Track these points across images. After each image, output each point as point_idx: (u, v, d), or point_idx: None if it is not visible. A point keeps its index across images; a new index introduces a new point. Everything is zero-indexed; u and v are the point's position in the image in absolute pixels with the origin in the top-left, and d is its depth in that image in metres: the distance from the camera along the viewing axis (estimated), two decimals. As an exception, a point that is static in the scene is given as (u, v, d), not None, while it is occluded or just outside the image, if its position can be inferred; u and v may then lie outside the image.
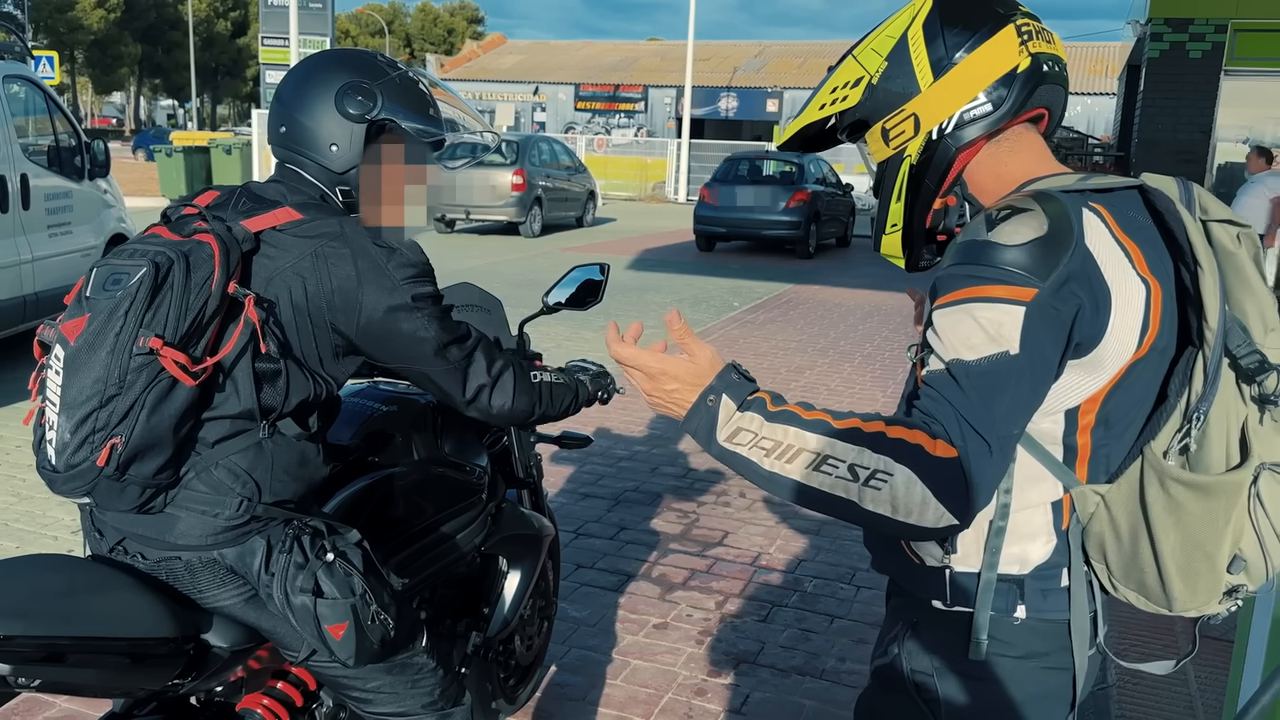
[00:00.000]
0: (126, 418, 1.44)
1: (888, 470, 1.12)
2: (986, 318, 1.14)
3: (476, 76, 42.15)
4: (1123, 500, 1.22)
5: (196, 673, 1.60)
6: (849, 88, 1.33)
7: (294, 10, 16.47)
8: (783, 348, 8.34)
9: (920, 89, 1.28)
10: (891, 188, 1.35)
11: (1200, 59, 11.51)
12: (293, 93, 1.71)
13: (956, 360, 1.15)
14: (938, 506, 1.11)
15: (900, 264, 1.42)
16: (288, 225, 1.60)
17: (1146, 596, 1.26)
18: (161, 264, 1.45)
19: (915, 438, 1.13)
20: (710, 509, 4.62)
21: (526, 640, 2.71)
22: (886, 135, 1.33)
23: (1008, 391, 1.14)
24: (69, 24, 53.68)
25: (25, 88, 7.01)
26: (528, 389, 1.80)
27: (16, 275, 6.50)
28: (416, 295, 1.62)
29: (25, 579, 1.47)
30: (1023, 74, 1.26)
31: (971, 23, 1.27)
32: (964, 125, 1.27)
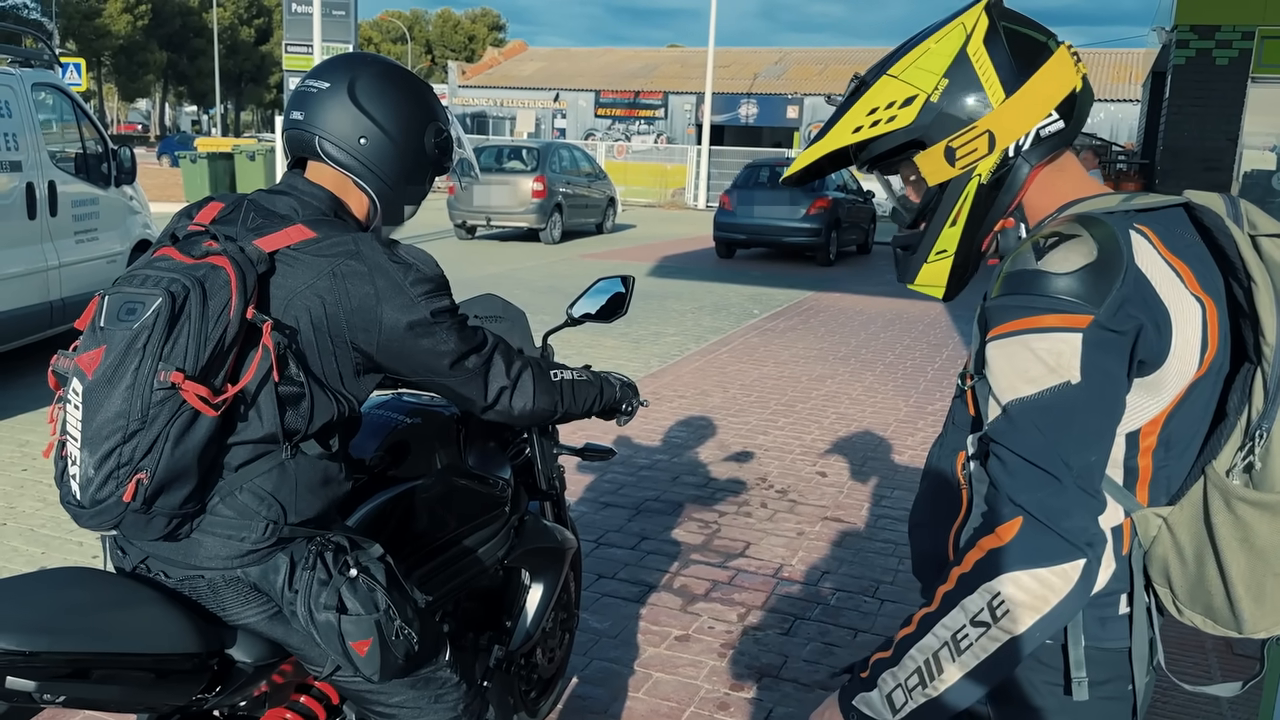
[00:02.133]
0: (151, 451, 1.42)
1: (994, 595, 1.12)
2: (1044, 348, 1.13)
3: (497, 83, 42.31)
4: (1186, 522, 1.20)
5: (221, 688, 1.60)
6: (896, 107, 1.28)
7: (317, 18, 16.57)
8: (803, 356, 8.30)
9: (993, 105, 1.24)
10: (949, 211, 1.30)
11: (1227, 66, 11.39)
12: (382, 108, 1.68)
13: (1015, 400, 1.14)
14: (1054, 572, 1.11)
15: (938, 294, 1.39)
16: (302, 244, 1.57)
17: (1214, 619, 1.24)
18: (177, 294, 1.42)
19: (982, 547, 1.14)
20: (732, 519, 4.59)
21: (548, 652, 2.69)
22: (952, 155, 1.27)
23: (1074, 421, 1.13)
24: (96, 31, 54.32)
25: (53, 95, 7.09)
26: (548, 388, 1.80)
27: (44, 281, 6.56)
28: (435, 310, 1.62)
29: (50, 594, 1.47)
30: (1080, 94, 1.27)
31: (1033, 42, 1.26)
32: (1040, 142, 1.26)
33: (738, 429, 6.04)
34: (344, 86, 1.68)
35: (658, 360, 8.03)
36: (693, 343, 8.80)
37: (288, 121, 1.72)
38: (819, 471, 5.30)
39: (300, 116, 1.69)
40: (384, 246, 1.62)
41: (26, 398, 6.27)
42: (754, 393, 6.98)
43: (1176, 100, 11.71)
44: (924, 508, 1.41)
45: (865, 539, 4.42)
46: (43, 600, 1.45)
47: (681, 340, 8.91)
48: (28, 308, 6.41)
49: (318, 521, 1.63)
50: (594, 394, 1.98)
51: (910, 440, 5.85)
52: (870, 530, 4.52)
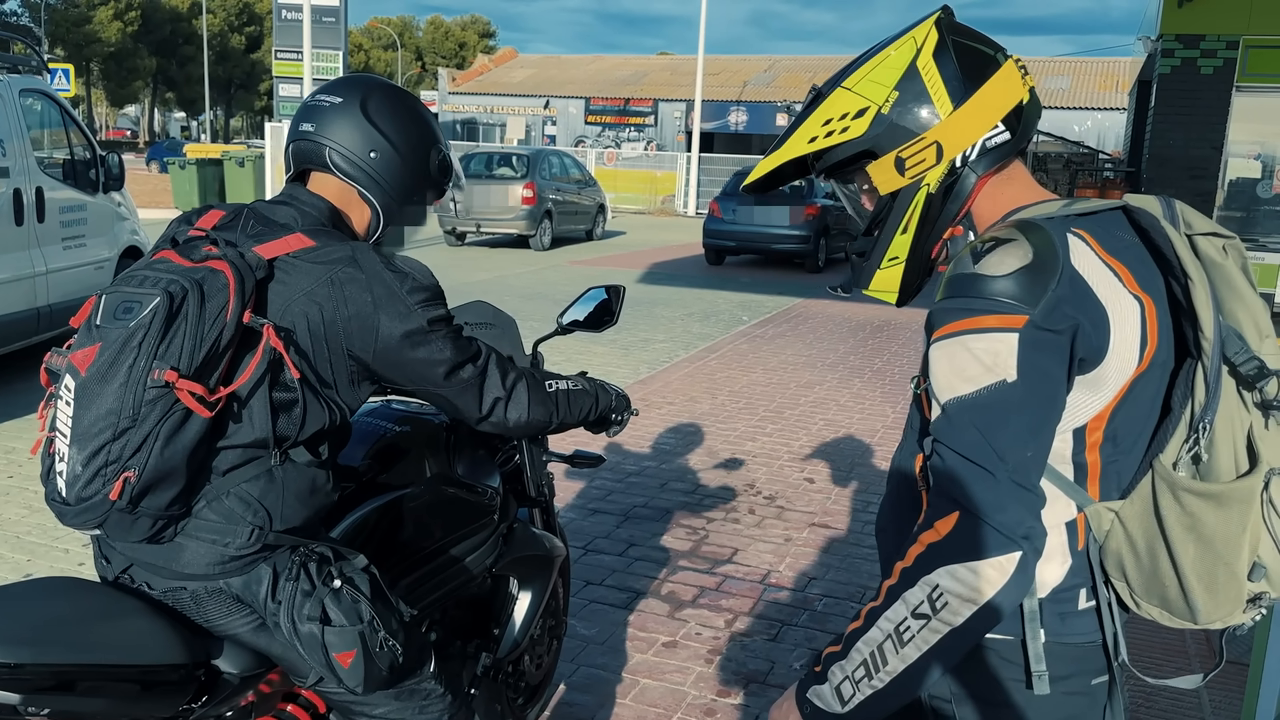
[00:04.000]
0: (140, 450, 1.42)
1: (933, 588, 1.15)
2: (981, 348, 1.16)
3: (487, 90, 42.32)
4: (1137, 515, 1.23)
5: (207, 699, 1.60)
6: (849, 119, 1.32)
7: (307, 25, 16.57)
8: (791, 362, 8.32)
9: (941, 116, 1.28)
10: (900, 219, 1.34)
11: (1212, 75, 11.49)
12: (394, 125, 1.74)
13: (954, 399, 1.18)
14: (989, 564, 1.13)
15: (891, 299, 1.41)
16: (301, 252, 1.59)
17: (1170, 611, 1.26)
18: (175, 293, 1.43)
19: (922, 541, 1.17)
20: (719, 526, 4.60)
21: (536, 659, 2.69)
22: (901, 165, 1.31)
23: (1010, 418, 1.16)
24: (86, 37, 54.14)
25: (41, 101, 7.07)
26: (543, 399, 1.81)
27: (30, 287, 6.54)
28: (431, 319, 1.63)
29: (34, 606, 1.46)
30: (1027, 106, 1.30)
31: (981, 56, 1.30)
32: (987, 152, 1.29)
33: (726, 435, 6.05)
34: (357, 102, 1.72)
35: (647, 367, 8.04)
36: (682, 349, 8.81)
37: (295, 132, 1.74)
38: (807, 478, 5.32)
39: (311, 128, 1.72)
40: (382, 256, 1.64)
41: (13, 404, 6.24)
42: (742, 399, 6.99)
43: (1162, 109, 11.80)
44: (888, 511, 1.44)
45: (852, 545, 4.43)
46: (27, 612, 1.44)
47: (670, 347, 8.93)
48: (15, 314, 6.39)
49: (304, 531, 1.63)
50: (589, 403, 1.98)
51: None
52: (857, 536, 4.54)
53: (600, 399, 2.04)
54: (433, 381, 1.67)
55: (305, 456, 1.60)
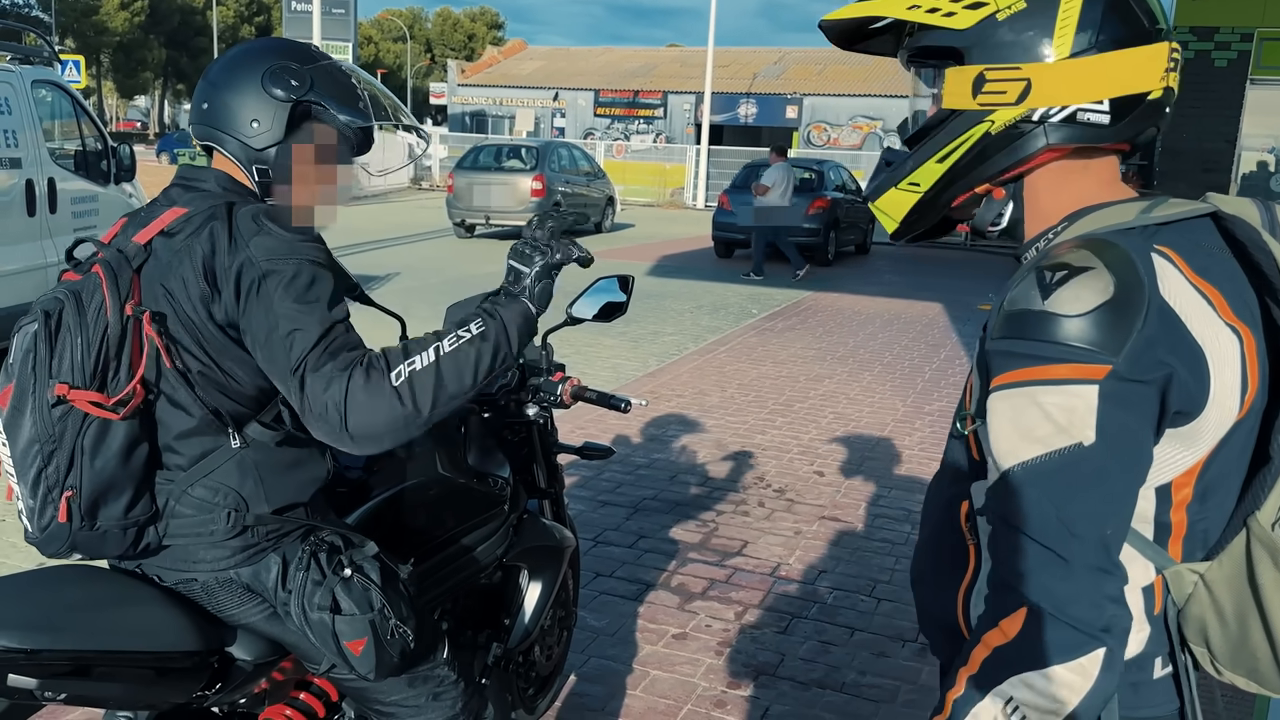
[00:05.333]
0: (71, 468, 1.44)
1: (1006, 701, 0.98)
2: (1054, 403, 0.97)
3: (496, 82, 42.29)
4: (1227, 579, 1.06)
5: (221, 685, 1.61)
6: (960, 5, 1.10)
7: (317, 16, 16.59)
8: (801, 355, 8.31)
9: (1051, 57, 1.06)
10: (943, 145, 1.13)
11: (1225, 68, 11.42)
12: (220, 72, 1.64)
13: (1018, 465, 0.99)
14: (1068, 669, 0.96)
15: (889, 226, 1.22)
16: (173, 224, 1.54)
17: (1259, 682, 1.11)
18: (51, 310, 1.44)
19: (987, 643, 0.99)
20: (729, 518, 4.60)
21: (546, 650, 2.70)
22: (980, 85, 1.09)
23: (1085, 490, 0.97)
24: (95, 27, 54.25)
25: (53, 92, 7.09)
26: (379, 396, 1.41)
27: (43, 278, 6.56)
28: (283, 274, 1.44)
29: (51, 592, 1.48)
30: (1151, 103, 1.09)
31: (1137, 17, 1.08)
32: (1072, 123, 1.08)
33: (735, 428, 6.05)
34: (204, 74, 1.68)
35: (656, 360, 8.04)
36: (691, 342, 8.80)
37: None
38: (816, 471, 5.31)
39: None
40: (248, 212, 1.51)
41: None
42: (752, 392, 6.99)
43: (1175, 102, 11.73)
44: (925, 560, 1.27)
45: (862, 538, 4.43)
46: (44, 598, 1.46)
47: (680, 340, 8.92)
48: (26, 305, 6.41)
49: (307, 511, 1.62)
50: (484, 352, 1.51)
51: (908, 440, 5.86)
52: (867, 529, 4.53)
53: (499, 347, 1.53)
54: (261, 353, 1.46)
55: (266, 434, 1.57)
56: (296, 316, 1.43)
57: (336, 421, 1.40)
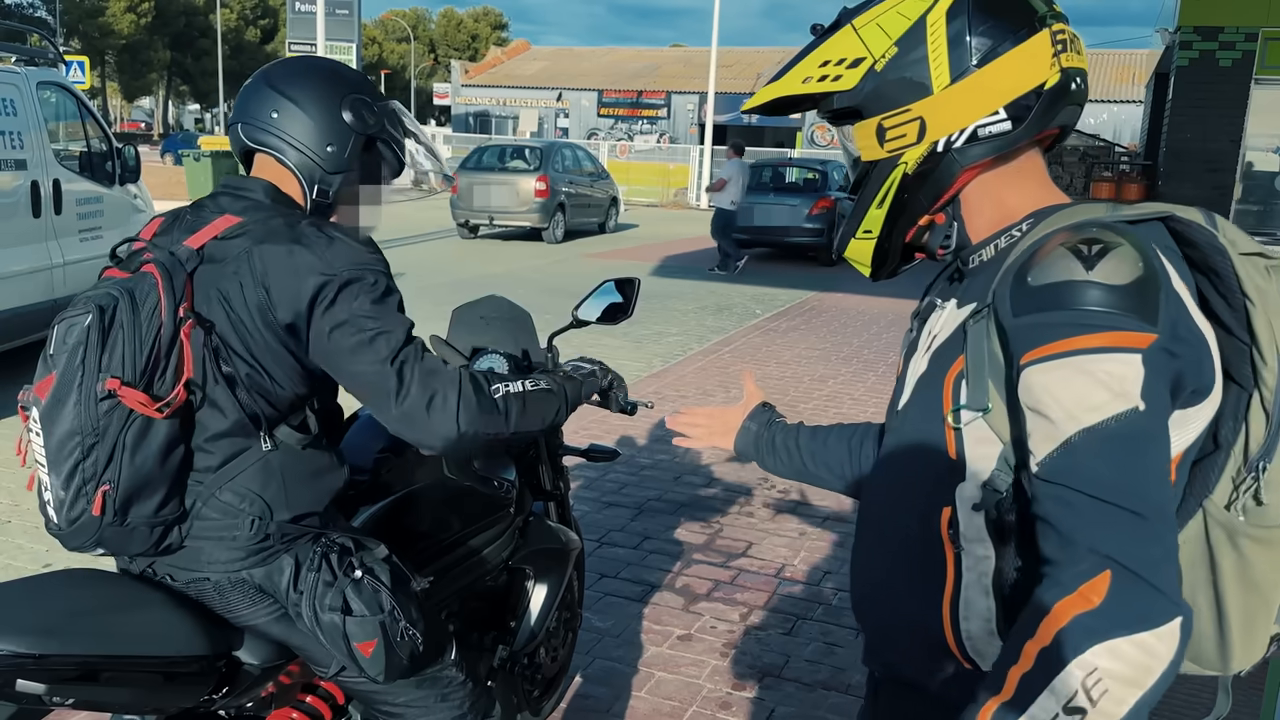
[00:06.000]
0: (111, 463, 1.45)
1: (1090, 672, 0.91)
2: (1106, 370, 0.96)
3: (500, 82, 42.31)
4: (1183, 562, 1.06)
5: (228, 690, 1.61)
6: (844, 66, 1.14)
7: (321, 17, 16.60)
8: (805, 356, 8.31)
9: (933, 90, 1.09)
10: (876, 192, 1.17)
11: (1230, 67, 11.40)
12: (293, 82, 1.66)
13: (1079, 432, 0.97)
14: (1156, 636, 0.91)
15: (864, 271, 1.27)
16: (227, 231, 1.57)
17: (1199, 662, 1.13)
18: (106, 305, 1.45)
19: (1064, 613, 0.94)
20: (734, 519, 4.60)
21: (551, 652, 2.70)
22: (882, 134, 1.14)
23: (1147, 452, 0.97)
24: (100, 29, 54.36)
25: (57, 93, 7.10)
26: (487, 407, 1.58)
27: (48, 279, 6.57)
28: (358, 285, 1.53)
29: (59, 596, 1.48)
30: (1050, 91, 1.09)
31: (1004, 21, 1.09)
32: (976, 142, 1.10)
33: (740, 429, 6.03)
34: (263, 75, 1.72)
35: (660, 360, 8.04)
36: (695, 343, 8.80)
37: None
38: (821, 472, 5.30)
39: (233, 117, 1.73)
40: (310, 225, 1.57)
41: (31, 396, 6.27)
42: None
43: (1179, 102, 11.72)
44: (880, 572, 1.22)
45: (867, 539, 4.42)
46: (52, 603, 1.46)
47: (684, 340, 8.92)
48: (32, 306, 6.43)
49: (322, 516, 1.63)
50: (548, 406, 1.73)
51: (912, 441, 5.84)
52: (872, 531, 4.53)
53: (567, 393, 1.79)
54: (344, 356, 1.53)
55: (294, 436, 1.59)
56: (382, 319, 1.53)
57: (451, 412, 1.53)
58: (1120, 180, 13.67)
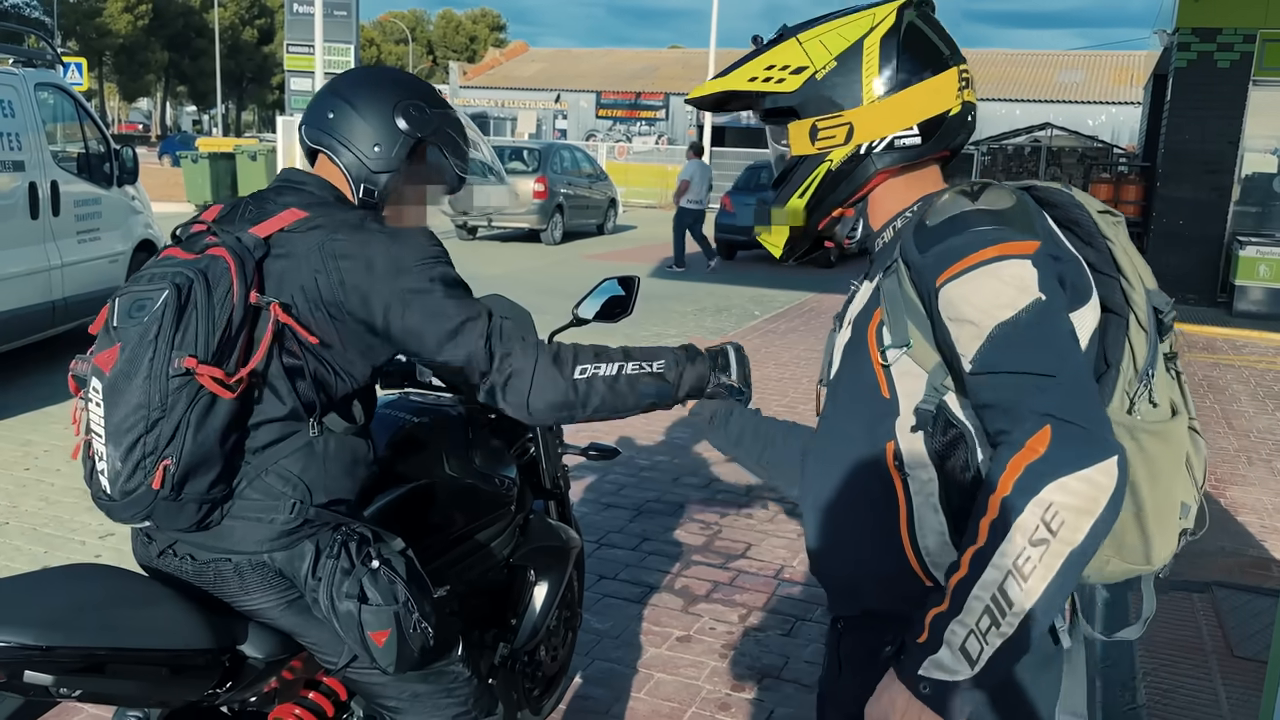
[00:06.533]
0: (174, 438, 1.47)
1: (1046, 508, 1.09)
2: (1009, 274, 1.17)
3: (498, 84, 42.34)
4: None
5: (232, 684, 1.62)
6: (787, 71, 1.35)
7: (319, 18, 16.58)
8: (804, 357, 8.31)
9: (863, 101, 1.32)
10: (800, 184, 1.38)
11: (1228, 69, 11.41)
12: (354, 87, 1.75)
13: (998, 325, 1.16)
14: (1099, 470, 1.09)
15: (775, 252, 1.46)
16: (295, 225, 1.62)
17: (1124, 557, 1.28)
18: (182, 285, 1.48)
19: (1018, 465, 1.11)
20: (733, 520, 4.60)
21: (551, 651, 2.70)
22: (815, 134, 1.35)
23: (1055, 328, 1.16)
24: (97, 30, 54.34)
25: (55, 95, 7.10)
26: (563, 382, 1.62)
27: (46, 280, 6.57)
28: (432, 277, 1.61)
29: (67, 590, 1.50)
30: (953, 118, 1.33)
31: (926, 54, 1.32)
32: (892, 150, 1.32)
33: (739, 430, 6.04)
34: (331, 82, 1.81)
35: (659, 361, 8.04)
36: (694, 344, 8.80)
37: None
38: (820, 473, 5.30)
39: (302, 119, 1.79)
40: (376, 221, 1.65)
41: (29, 397, 6.27)
42: (755, 394, 6.95)
43: (1178, 103, 11.72)
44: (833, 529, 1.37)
45: (866, 540, 4.43)
46: (58, 596, 1.47)
47: (683, 342, 8.91)
48: (30, 307, 6.43)
49: (347, 506, 1.66)
50: (647, 392, 1.69)
51: (911, 442, 5.84)
52: (871, 531, 4.53)
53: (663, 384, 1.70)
54: (434, 344, 1.61)
55: (341, 424, 1.64)
56: (464, 306, 1.62)
57: (523, 390, 1.61)
58: (1118, 181, 13.68)
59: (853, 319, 1.37)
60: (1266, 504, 5.03)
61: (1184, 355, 8.63)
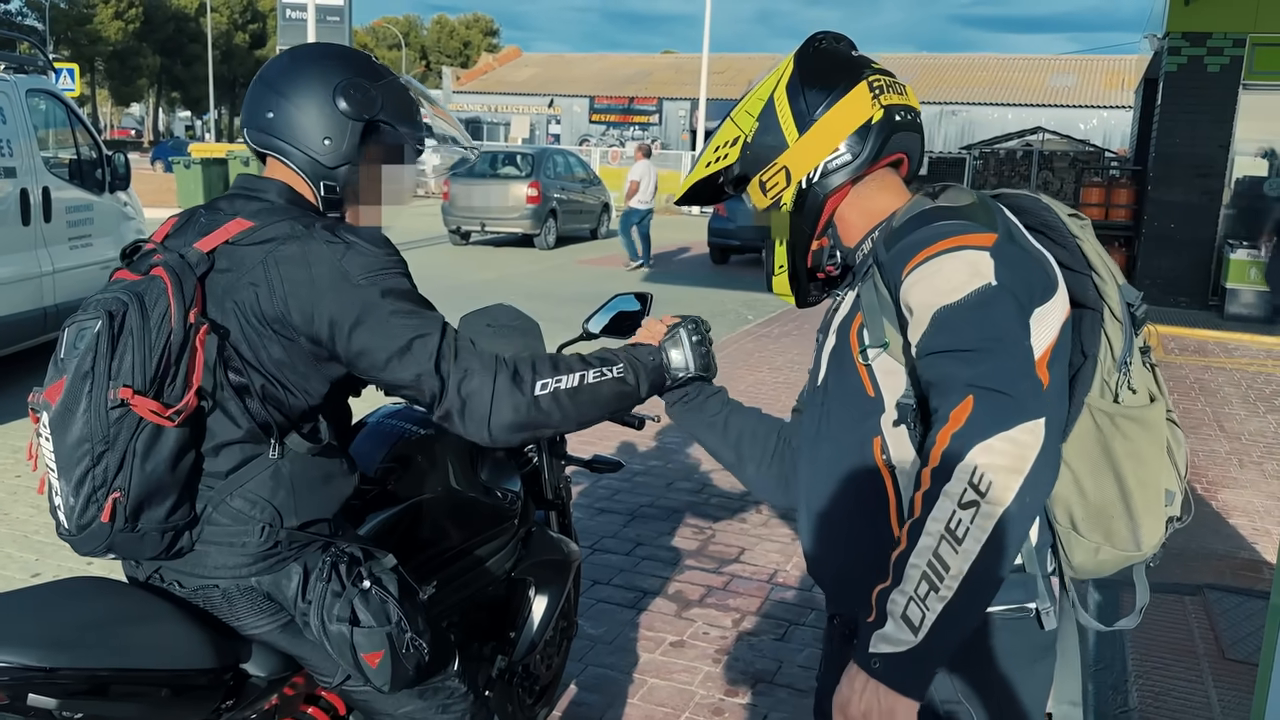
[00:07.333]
0: (121, 470, 1.43)
1: (972, 471, 1.12)
2: (961, 262, 1.23)
3: (492, 89, 42.33)
4: (1081, 453, 1.31)
5: (234, 702, 1.60)
6: (728, 146, 1.48)
7: (312, 24, 16.57)
8: (797, 362, 8.31)
9: (788, 144, 1.43)
10: (774, 234, 1.50)
11: (1219, 73, 11.46)
12: (286, 80, 1.61)
13: (942, 308, 1.21)
14: (1021, 430, 1.12)
15: (791, 301, 1.57)
16: (239, 235, 1.53)
17: (1112, 542, 1.33)
18: (115, 311, 1.43)
19: (943, 436, 1.15)
20: (726, 525, 4.61)
21: (547, 660, 2.70)
22: (764, 187, 1.47)
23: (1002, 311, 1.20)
24: (89, 36, 54.21)
25: (47, 101, 7.08)
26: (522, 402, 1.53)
27: (38, 287, 6.55)
28: (384, 289, 1.50)
29: (69, 609, 1.47)
30: (877, 124, 1.40)
31: (827, 82, 1.42)
32: (829, 174, 1.42)
33: (733, 435, 6.03)
34: (259, 75, 1.66)
35: (652, 366, 8.03)
36: (687, 348, 8.79)
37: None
38: (814, 477, 5.31)
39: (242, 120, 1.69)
40: (326, 228, 1.53)
41: (20, 404, 6.20)
42: (749, 399, 6.93)
43: (1169, 107, 11.77)
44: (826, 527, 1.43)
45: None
46: (60, 614, 1.44)
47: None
48: (21, 314, 6.40)
49: (331, 523, 1.63)
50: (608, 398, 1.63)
51: (904, 446, 5.85)
52: (865, 536, 4.53)
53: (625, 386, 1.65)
54: (381, 362, 1.50)
55: (304, 445, 1.58)
56: (414, 323, 1.51)
57: (482, 414, 1.51)
58: (1110, 185, 13.72)
59: (836, 326, 1.46)
60: (1258, 506, 5.04)
61: (1175, 358, 8.67)
